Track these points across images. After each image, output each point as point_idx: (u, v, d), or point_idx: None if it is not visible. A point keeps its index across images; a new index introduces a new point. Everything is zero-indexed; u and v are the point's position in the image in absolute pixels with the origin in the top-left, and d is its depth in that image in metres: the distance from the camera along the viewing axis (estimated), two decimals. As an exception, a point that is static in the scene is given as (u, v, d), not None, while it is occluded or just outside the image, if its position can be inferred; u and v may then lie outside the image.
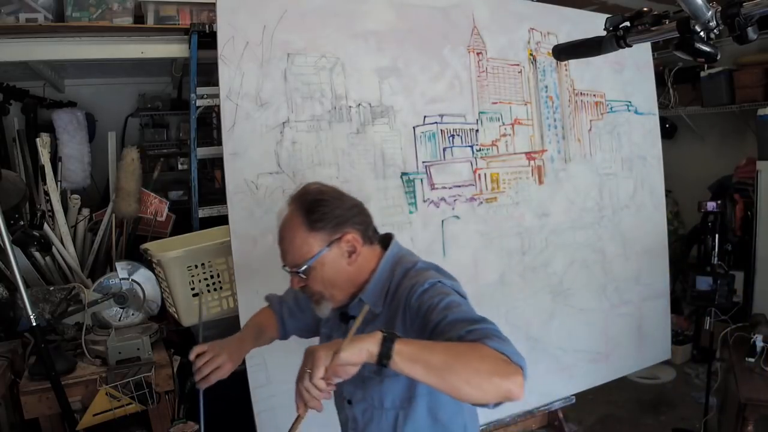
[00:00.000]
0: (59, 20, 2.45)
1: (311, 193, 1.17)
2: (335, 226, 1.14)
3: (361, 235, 1.17)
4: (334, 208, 1.15)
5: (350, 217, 1.16)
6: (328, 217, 1.14)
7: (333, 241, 1.14)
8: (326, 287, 1.17)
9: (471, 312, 1.04)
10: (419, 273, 1.15)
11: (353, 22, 1.98)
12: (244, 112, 1.77)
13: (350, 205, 1.18)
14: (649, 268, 2.76)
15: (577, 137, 2.53)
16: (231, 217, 1.75)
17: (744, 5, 0.95)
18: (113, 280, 2.10)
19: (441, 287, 1.09)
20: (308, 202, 1.15)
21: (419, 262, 1.20)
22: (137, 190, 2.58)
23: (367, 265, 1.19)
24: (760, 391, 2.15)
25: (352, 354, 0.90)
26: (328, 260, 1.14)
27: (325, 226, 1.13)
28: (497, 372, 0.89)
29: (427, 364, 0.89)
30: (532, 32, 2.41)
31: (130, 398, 1.83)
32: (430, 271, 1.15)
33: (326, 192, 1.18)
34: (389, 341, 0.90)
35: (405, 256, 1.23)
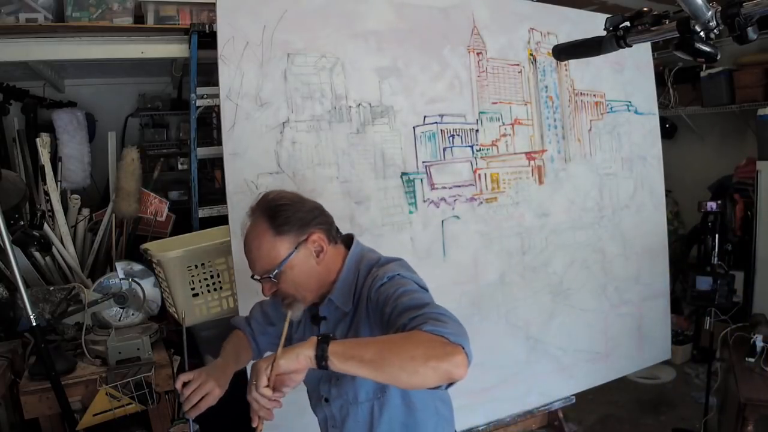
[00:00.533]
0: (59, 20, 2.46)
1: (272, 199, 1.20)
2: (300, 227, 1.17)
3: (326, 235, 1.20)
4: (296, 211, 1.18)
5: (313, 218, 1.19)
6: (292, 220, 1.16)
7: (300, 243, 1.16)
8: (297, 289, 1.19)
9: (419, 299, 1.05)
10: (380, 268, 1.18)
11: (353, 22, 1.98)
12: (244, 112, 1.77)
13: (311, 207, 1.21)
14: (649, 268, 2.76)
15: (577, 137, 2.53)
16: (231, 217, 1.75)
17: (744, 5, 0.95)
18: (113, 280, 2.10)
19: (399, 279, 1.12)
20: (270, 209, 1.17)
21: (382, 258, 1.24)
22: (137, 190, 2.58)
23: (333, 264, 1.22)
24: (760, 391, 2.15)
25: (290, 361, 0.95)
26: (297, 262, 1.17)
27: (291, 229, 1.16)
28: (432, 355, 0.90)
29: (361, 359, 0.92)
30: (532, 32, 2.41)
31: (130, 398, 1.83)
32: (391, 264, 1.19)
33: (286, 196, 1.21)
34: (323, 343, 0.93)
35: (367, 254, 1.26)
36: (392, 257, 1.24)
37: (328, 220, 1.23)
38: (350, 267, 1.23)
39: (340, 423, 1.27)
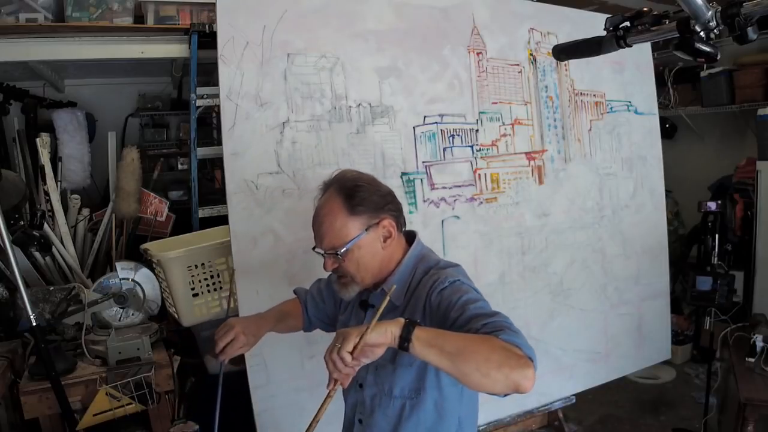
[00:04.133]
0: (59, 20, 2.46)
1: (350, 179, 1.23)
2: (374, 210, 1.19)
3: (396, 222, 1.23)
4: (372, 194, 1.20)
5: (386, 204, 1.22)
6: (367, 202, 1.19)
7: (371, 226, 1.19)
8: (359, 270, 1.21)
9: (486, 307, 1.09)
10: (440, 271, 1.19)
11: (353, 22, 1.97)
12: (244, 112, 1.77)
13: (385, 192, 1.24)
14: (649, 268, 2.76)
15: (577, 137, 2.53)
16: (231, 217, 1.75)
17: (744, 5, 0.95)
18: (113, 280, 2.10)
19: (459, 285, 1.14)
20: (348, 188, 1.20)
21: (441, 261, 1.26)
22: (137, 190, 2.58)
23: (395, 254, 1.25)
24: (760, 391, 2.15)
25: (378, 335, 0.97)
26: (364, 244, 1.19)
27: (365, 211, 1.19)
28: (507, 363, 0.93)
29: (442, 350, 0.95)
30: (532, 32, 2.41)
31: (130, 398, 1.83)
32: (450, 269, 1.20)
33: (363, 178, 1.24)
34: (410, 326, 0.97)
35: (428, 255, 1.29)
36: (451, 262, 1.26)
37: (398, 208, 1.25)
38: (409, 263, 1.25)
39: (369, 412, 1.26)
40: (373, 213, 1.19)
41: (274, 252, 1.80)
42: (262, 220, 1.78)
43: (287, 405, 1.84)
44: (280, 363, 1.82)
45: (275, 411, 1.82)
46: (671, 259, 2.90)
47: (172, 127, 3.62)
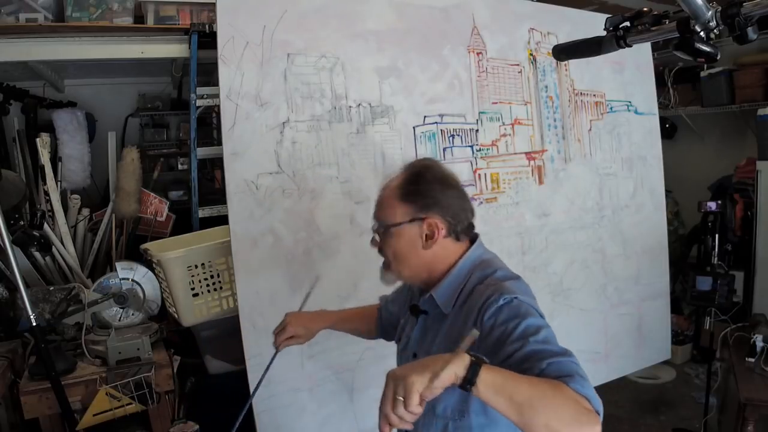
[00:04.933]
0: (59, 20, 2.46)
1: (423, 167, 1.19)
2: (424, 206, 1.15)
3: (447, 226, 1.15)
4: (432, 190, 1.15)
5: (443, 205, 1.15)
6: (422, 196, 1.15)
7: (415, 219, 1.15)
8: (395, 259, 1.19)
9: (550, 338, 1.00)
10: (496, 283, 1.10)
11: (353, 22, 1.97)
12: (244, 112, 1.77)
13: (450, 194, 1.17)
14: (649, 268, 2.76)
15: (577, 137, 2.53)
16: (231, 217, 1.75)
17: (744, 5, 0.95)
18: (113, 280, 2.10)
19: (517, 306, 1.04)
20: (414, 174, 1.18)
21: (499, 270, 1.16)
22: (137, 190, 2.58)
23: (445, 257, 1.18)
24: (760, 391, 2.15)
25: (446, 379, 0.84)
26: (404, 234, 1.16)
27: (415, 202, 1.15)
28: (577, 420, 0.85)
29: (511, 399, 0.84)
30: (532, 32, 2.41)
31: (130, 398, 1.83)
32: (508, 283, 1.10)
33: (434, 171, 1.18)
34: (476, 366, 0.85)
35: (487, 260, 1.20)
36: (510, 273, 1.16)
37: (459, 214, 1.17)
38: (462, 269, 1.17)
39: (412, 428, 1.17)
40: (423, 208, 1.14)
41: (274, 252, 1.80)
42: (262, 220, 1.78)
43: (287, 405, 1.84)
44: (280, 363, 1.80)
45: (275, 411, 1.82)
46: (671, 259, 2.90)
47: (172, 127, 3.62)
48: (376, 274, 1.95)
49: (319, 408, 1.89)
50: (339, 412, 1.93)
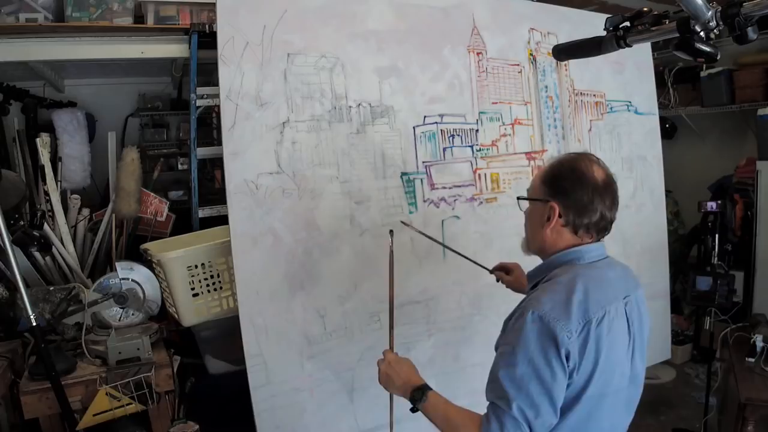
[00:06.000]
0: (59, 20, 2.45)
1: (571, 160, 1.27)
2: (553, 191, 1.25)
3: (565, 214, 1.23)
4: (566, 180, 1.24)
5: (571, 196, 1.23)
6: (556, 183, 1.25)
7: (542, 200, 1.27)
8: (526, 230, 1.35)
9: (508, 377, 1.11)
10: (545, 291, 1.18)
11: (353, 22, 1.97)
12: (244, 112, 1.77)
13: (584, 189, 1.22)
14: (649, 268, 2.76)
15: (577, 137, 2.53)
16: (231, 217, 1.75)
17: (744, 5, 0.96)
18: (113, 280, 2.10)
19: (526, 327, 1.12)
20: (560, 162, 1.28)
21: (562, 280, 1.19)
22: (137, 190, 2.58)
23: (556, 243, 1.26)
24: (760, 391, 2.15)
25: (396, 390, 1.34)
26: (534, 210, 1.30)
27: (550, 186, 1.26)
28: None
29: (433, 421, 1.22)
30: (532, 32, 2.41)
31: (130, 398, 1.83)
32: (548, 297, 1.15)
33: (578, 166, 1.25)
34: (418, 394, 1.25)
35: (569, 265, 1.24)
36: (570, 287, 1.16)
37: (582, 210, 1.22)
38: (557, 259, 1.26)
39: None
40: (551, 192, 1.25)
41: (274, 252, 1.80)
42: (262, 220, 1.78)
43: (287, 405, 1.84)
44: (280, 363, 1.82)
45: (275, 411, 1.81)
46: (671, 259, 2.90)
47: (172, 127, 3.62)
48: (376, 274, 1.96)
49: (319, 408, 1.89)
50: (339, 412, 1.93)
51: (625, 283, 1.28)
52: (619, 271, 1.29)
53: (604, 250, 1.29)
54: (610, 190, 1.24)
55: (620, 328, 1.20)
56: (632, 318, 1.24)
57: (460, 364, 2.15)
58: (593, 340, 1.12)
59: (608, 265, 1.28)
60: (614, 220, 1.27)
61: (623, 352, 1.21)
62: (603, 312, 1.15)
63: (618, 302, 1.21)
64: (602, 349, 1.13)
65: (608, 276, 1.24)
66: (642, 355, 1.28)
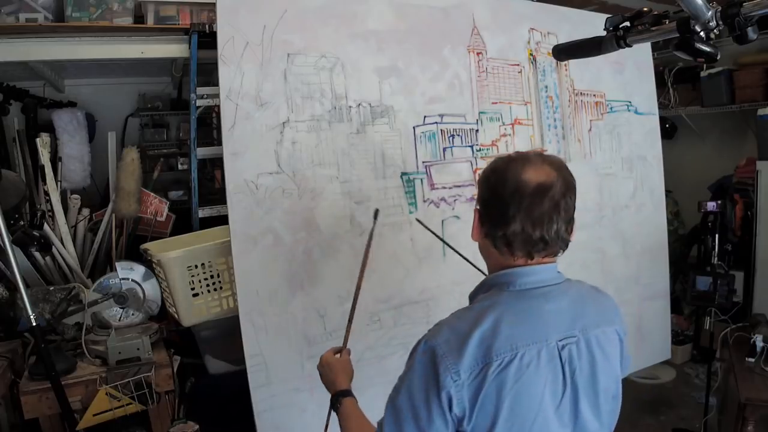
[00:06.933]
0: (59, 20, 2.46)
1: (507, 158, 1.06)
2: (478, 196, 1.10)
3: (484, 226, 1.06)
4: (487, 180, 1.06)
5: (487, 200, 1.06)
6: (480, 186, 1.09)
7: None
8: None
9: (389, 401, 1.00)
10: (452, 317, 1.03)
11: (353, 22, 1.97)
12: (244, 112, 1.77)
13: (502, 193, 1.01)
14: (649, 268, 2.76)
15: (577, 137, 2.53)
16: (231, 217, 1.75)
17: (744, 5, 0.96)
18: (113, 280, 2.10)
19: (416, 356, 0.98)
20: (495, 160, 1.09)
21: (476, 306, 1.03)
22: (137, 190, 2.58)
23: (488, 258, 1.11)
24: (760, 391, 2.15)
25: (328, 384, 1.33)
26: None
27: (478, 189, 1.11)
28: None
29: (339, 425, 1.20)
30: (532, 32, 2.41)
31: (130, 398, 1.84)
32: (446, 327, 1.00)
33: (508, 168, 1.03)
34: (336, 399, 1.24)
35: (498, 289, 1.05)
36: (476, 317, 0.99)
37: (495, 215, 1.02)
38: (485, 280, 1.10)
39: None
40: (478, 194, 1.09)
41: (274, 252, 1.80)
42: (262, 220, 1.78)
43: (287, 405, 1.84)
44: (280, 363, 1.82)
45: (275, 411, 1.81)
46: (671, 259, 2.90)
47: (172, 127, 3.62)
48: (376, 275, 1.96)
49: (319, 408, 1.88)
50: (339, 412, 1.93)
51: (574, 319, 1.02)
52: (568, 304, 1.03)
53: (552, 274, 1.06)
54: (541, 198, 0.99)
55: (541, 377, 0.95)
56: (575, 364, 0.99)
57: (460, 364, 2.15)
58: (492, 388, 0.92)
59: (552, 295, 1.03)
60: (550, 238, 1.01)
61: (548, 409, 0.96)
62: (512, 354, 0.93)
63: (543, 344, 0.96)
64: (504, 400, 0.92)
65: (541, 310, 1.00)
66: (598, 411, 1.02)
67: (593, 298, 1.11)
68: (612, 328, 1.07)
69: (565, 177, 1.04)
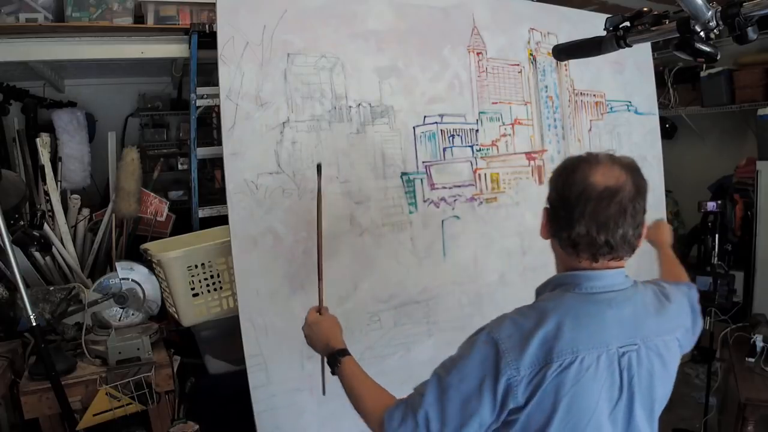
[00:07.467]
0: (59, 20, 2.46)
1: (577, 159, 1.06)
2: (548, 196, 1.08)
3: (551, 226, 1.06)
4: (556, 180, 1.06)
5: (555, 201, 1.05)
6: (550, 186, 1.08)
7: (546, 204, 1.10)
8: None
9: (434, 376, 1.02)
10: (515, 313, 1.03)
11: (353, 22, 1.97)
12: (244, 112, 1.77)
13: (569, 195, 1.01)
14: (649, 268, 2.75)
15: (577, 137, 2.53)
16: (231, 217, 1.75)
17: (744, 5, 0.96)
18: (113, 280, 2.10)
19: (476, 345, 1.00)
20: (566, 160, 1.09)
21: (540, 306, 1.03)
22: (137, 190, 2.58)
23: (557, 257, 1.10)
24: (760, 391, 2.15)
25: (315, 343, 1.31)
26: None
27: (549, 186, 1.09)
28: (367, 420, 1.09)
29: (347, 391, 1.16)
30: (532, 32, 2.41)
31: (130, 398, 1.84)
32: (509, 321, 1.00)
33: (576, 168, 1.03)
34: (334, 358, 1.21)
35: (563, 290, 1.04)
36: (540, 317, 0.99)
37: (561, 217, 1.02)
38: (553, 278, 1.09)
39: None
40: (549, 194, 1.07)
41: (274, 252, 1.80)
42: (262, 220, 1.78)
43: (287, 405, 1.84)
44: (280, 363, 1.82)
45: (275, 411, 1.81)
46: (671, 259, 2.90)
47: (172, 127, 3.62)
48: (376, 275, 1.96)
49: (319, 408, 1.89)
50: (339, 412, 1.93)
51: (637, 327, 1.02)
52: (631, 311, 1.03)
53: (619, 279, 1.05)
54: (608, 202, 0.98)
55: (598, 382, 0.97)
56: (633, 371, 1.00)
57: (460, 364, 2.15)
58: (550, 387, 0.94)
59: (617, 301, 1.02)
60: (616, 243, 1.01)
61: (602, 413, 0.97)
62: (572, 357, 0.94)
63: (603, 350, 0.97)
64: (561, 400, 0.94)
65: (605, 315, 1.00)
66: (651, 419, 1.05)
67: (657, 305, 1.09)
68: (672, 336, 1.08)
69: (636, 180, 1.03)
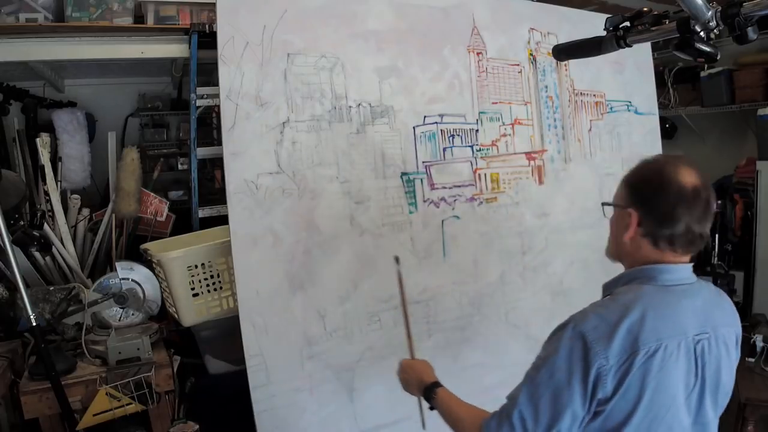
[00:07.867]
0: (59, 20, 2.45)
1: (661, 163, 1.15)
2: (633, 198, 1.15)
3: (645, 224, 1.12)
4: (648, 184, 1.13)
5: (651, 205, 1.11)
6: (637, 187, 1.16)
7: (620, 206, 1.19)
8: (610, 235, 1.29)
9: (525, 380, 1.09)
10: (598, 306, 1.11)
11: (353, 22, 1.97)
12: (244, 112, 1.77)
13: (667, 196, 1.09)
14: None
15: (577, 137, 2.53)
16: (231, 217, 1.75)
17: (744, 5, 0.96)
18: (113, 280, 2.10)
19: (563, 341, 1.06)
20: (646, 165, 1.17)
21: (621, 299, 1.10)
22: (137, 190, 2.58)
23: (635, 254, 1.16)
24: (760, 391, 2.15)
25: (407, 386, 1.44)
26: (615, 216, 1.24)
27: (630, 190, 1.17)
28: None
29: (446, 420, 1.24)
30: (532, 32, 2.41)
31: (130, 398, 1.84)
32: (594, 315, 1.07)
33: (665, 171, 1.11)
34: (429, 392, 1.32)
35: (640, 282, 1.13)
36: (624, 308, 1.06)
37: (665, 221, 1.09)
38: (626, 274, 1.18)
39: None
40: (632, 198, 1.15)
41: (274, 252, 1.80)
42: (262, 220, 1.78)
43: (287, 405, 1.84)
44: (280, 363, 1.82)
45: (275, 411, 1.81)
46: (671, 259, 2.90)
47: (172, 127, 3.62)
48: (376, 275, 1.96)
49: (319, 408, 1.89)
50: (339, 412, 1.93)
51: (707, 317, 1.10)
52: (701, 302, 1.12)
53: (688, 273, 1.14)
54: (699, 199, 1.08)
55: (679, 368, 1.05)
56: (706, 358, 1.08)
57: (460, 364, 2.15)
58: (637, 375, 1.00)
59: (689, 292, 1.12)
60: (705, 235, 1.11)
61: (680, 398, 1.06)
62: (657, 345, 1.02)
63: (683, 337, 1.05)
64: (647, 388, 1.01)
65: (681, 305, 1.09)
66: (715, 404, 1.12)
67: (719, 299, 1.18)
68: (732, 330, 1.16)
69: (707, 181, 1.13)
